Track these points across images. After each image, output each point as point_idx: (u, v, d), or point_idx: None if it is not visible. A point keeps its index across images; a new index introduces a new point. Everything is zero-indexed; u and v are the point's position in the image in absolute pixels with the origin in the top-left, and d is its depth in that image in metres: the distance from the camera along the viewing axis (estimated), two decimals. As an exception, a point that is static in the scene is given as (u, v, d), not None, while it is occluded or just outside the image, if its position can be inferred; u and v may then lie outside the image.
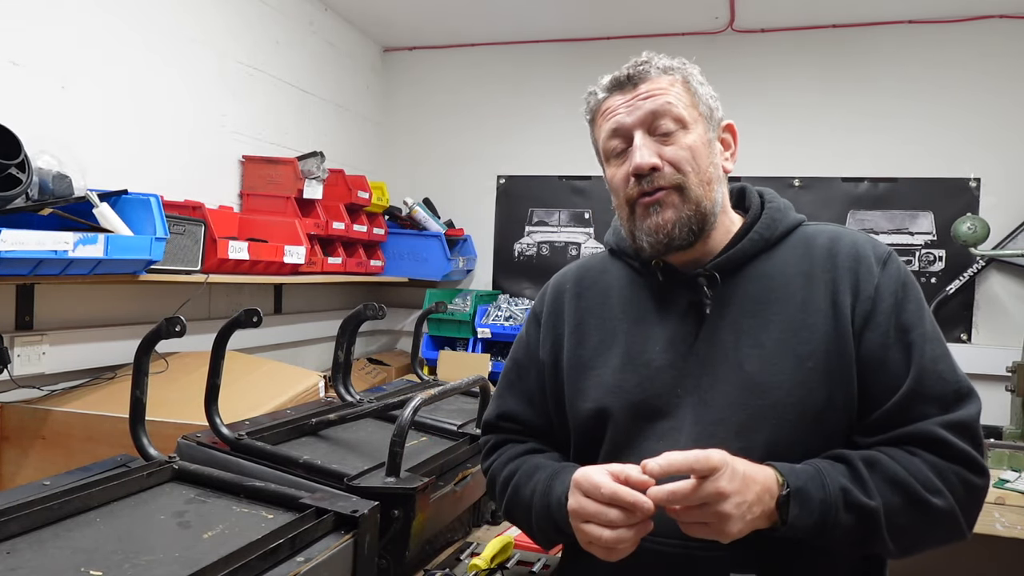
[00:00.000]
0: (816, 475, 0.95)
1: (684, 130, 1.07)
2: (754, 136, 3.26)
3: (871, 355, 1.01)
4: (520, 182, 3.63)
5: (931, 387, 0.99)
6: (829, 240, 1.09)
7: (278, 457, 1.29)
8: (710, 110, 1.12)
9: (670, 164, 1.05)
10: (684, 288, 1.10)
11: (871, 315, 1.02)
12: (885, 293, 1.03)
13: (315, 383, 2.04)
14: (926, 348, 1.00)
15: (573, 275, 1.25)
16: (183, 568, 0.89)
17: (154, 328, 1.22)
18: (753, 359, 1.04)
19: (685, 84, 1.11)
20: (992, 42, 3.01)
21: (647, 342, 1.11)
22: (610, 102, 1.11)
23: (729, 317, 1.07)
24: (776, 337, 1.04)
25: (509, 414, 1.24)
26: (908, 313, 1.02)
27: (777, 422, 1.01)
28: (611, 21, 3.28)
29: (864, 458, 0.97)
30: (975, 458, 0.97)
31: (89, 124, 2.12)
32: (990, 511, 2.37)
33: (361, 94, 3.62)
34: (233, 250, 2.26)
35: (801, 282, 1.06)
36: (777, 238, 1.11)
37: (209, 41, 2.58)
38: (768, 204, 1.14)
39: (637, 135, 1.07)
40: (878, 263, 1.05)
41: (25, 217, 1.65)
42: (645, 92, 1.08)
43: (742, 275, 1.09)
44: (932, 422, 0.97)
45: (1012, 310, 3.00)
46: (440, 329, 3.36)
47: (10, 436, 1.80)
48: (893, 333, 1.01)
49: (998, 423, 2.85)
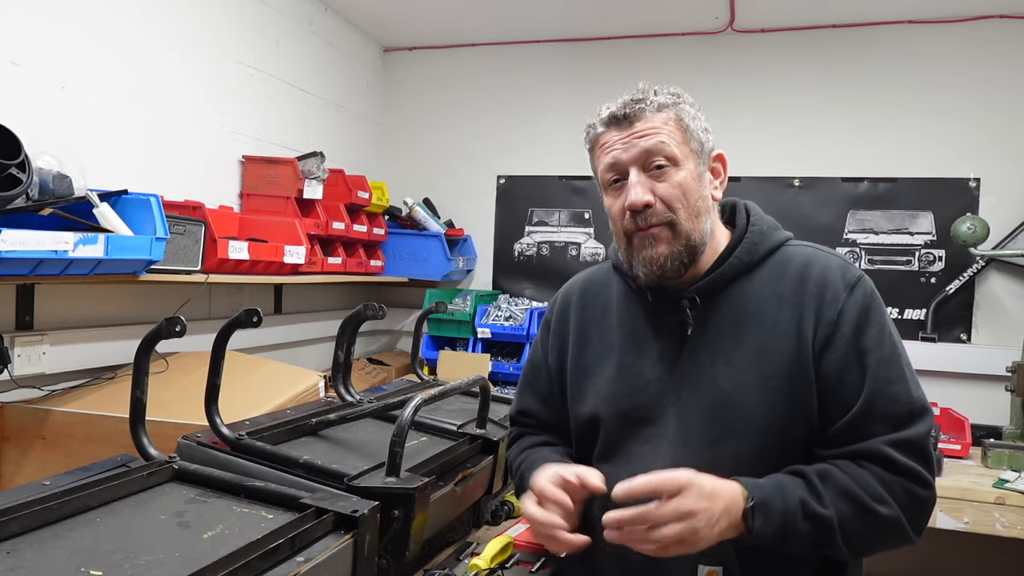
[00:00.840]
0: (777, 488, 1.04)
1: (675, 167, 1.15)
2: (754, 136, 3.26)
3: (829, 376, 1.11)
4: (520, 182, 3.64)
5: (882, 408, 1.08)
6: (802, 264, 1.18)
7: (278, 457, 1.29)
8: (701, 144, 1.19)
9: (662, 201, 1.15)
10: (671, 308, 1.21)
11: (831, 339, 1.12)
12: (847, 318, 1.12)
13: (315, 383, 2.04)
14: (880, 371, 1.09)
15: (579, 287, 1.38)
16: (183, 568, 0.89)
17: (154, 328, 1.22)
18: (726, 377, 1.14)
19: (678, 122, 1.17)
20: (992, 42, 3.01)
21: (639, 356, 1.22)
22: (607, 137, 1.19)
23: (707, 337, 1.18)
24: (747, 357, 1.15)
25: (527, 411, 1.40)
26: (867, 338, 1.11)
27: (743, 435, 1.12)
28: (611, 21, 3.28)
29: (819, 472, 1.07)
30: (918, 472, 1.06)
31: (89, 124, 2.12)
32: (990, 511, 2.37)
33: (361, 94, 3.62)
34: (233, 250, 2.26)
35: (773, 305, 1.16)
36: (757, 261, 1.20)
37: (209, 41, 2.58)
38: (751, 227, 1.22)
39: (632, 172, 1.15)
40: (845, 288, 1.14)
41: (25, 217, 1.65)
42: (640, 131, 1.16)
43: (723, 297, 1.19)
44: (879, 440, 1.07)
45: (1012, 310, 3.00)
46: (440, 329, 3.36)
47: (10, 436, 1.80)
48: (852, 356, 1.11)
49: (998, 423, 2.85)
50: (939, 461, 2.53)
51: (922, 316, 3.08)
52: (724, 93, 3.29)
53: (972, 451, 2.75)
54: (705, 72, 3.31)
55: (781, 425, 1.11)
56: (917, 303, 3.09)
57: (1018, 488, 2.39)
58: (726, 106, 3.27)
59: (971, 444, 2.76)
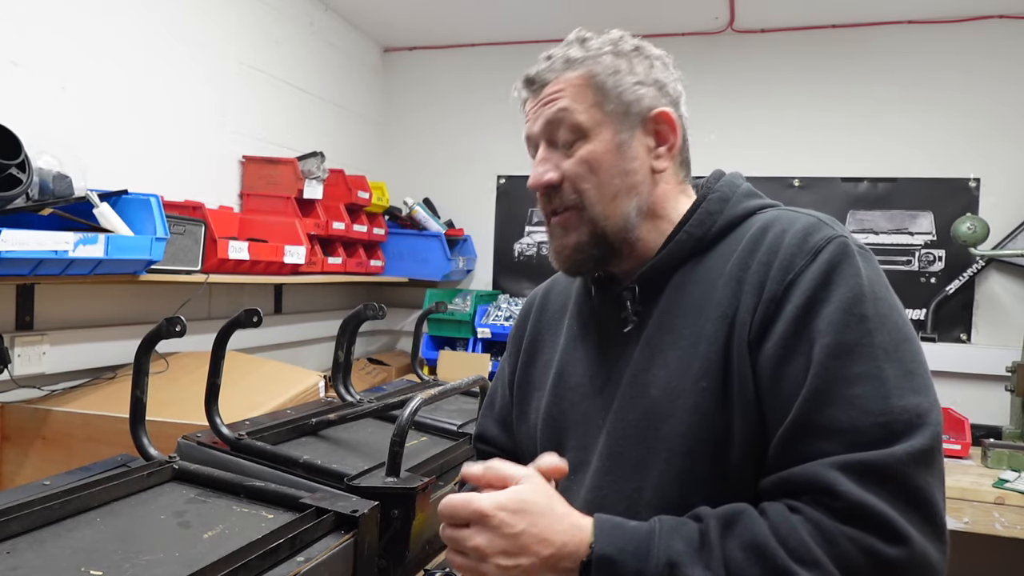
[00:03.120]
0: (645, 540, 0.75)
1: (583, 140, 0.93)
2: (754, 136, 3.26)
3: (764, 373, 0.80)
4: (520, 182, 3.63)
5: (832, 415, 0.74)
6: (760, 230, 0.88)
7: (278, 457, 1.29)
8: (625, 105, 0.93)
9: (567, 181, 0.93)
10: (612, 304, 0.97)
11: (772, 320, 0.81)
12: (796, 292, 0.80)
13: (315, 383, 2.04)
14: (833, 363, 0.75)
15: (545, 287, 1.17)
16: (183, 568, 0.89)
17: (154, 328, 1.22)
18: (658, 381, 0.87)
19: (590, 80, 0.94)
20: (992, 42, 3.01)
21: (578, 363, 1.00)
22: (526, 105, 1.02)
23: (646, 335, 0.91)
24: (680, 353, 0.87)
25: (484, 436, 1.17)
26: (821, 318, 0.78)
27: (668, 457, 0.85)
28: (611, 21, 3.25)
29: (724, 516, 0.76)
30: (885, 518, 0.69)
31: (89, 124, 2.12)
32: (990, 511, 2.37)
33: (361, 94, 3.62)
34: (233, 250, 2.26)
35: (719, 284, 0.87)
36: (714, 236, 0.92)
37: (209, 41, 2.58)
38: (711, 195, 0.95)
39: (540, 147, 0.97)
40: (805, 255, 0.81)
41: (25, 217, 1.65)
42: (545, 97, 0.96)
43: (669, 284, 0.92)
44: (824, 461, 0.73)
45: (1012, 310, 3.00)
46: (440, 329, 3.36)
47: (10, 436, 1.80)
48: (793, 343, 0.78)
49: (998, 423, 2.85)
50: (939, 461, 2.53)
51: (922, 316, 3.08)
52: (724, 93, 3.29)
53: (972, 451, 2.75)
54: (705, 72, 3.30)
55: (715, 440, 0.82)
56: (917, 303, 3.09)
57: (1018, 488, 2.39)
58: (726, 106, 3.26)
59: (971, 444, 2.76)
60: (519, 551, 0.76)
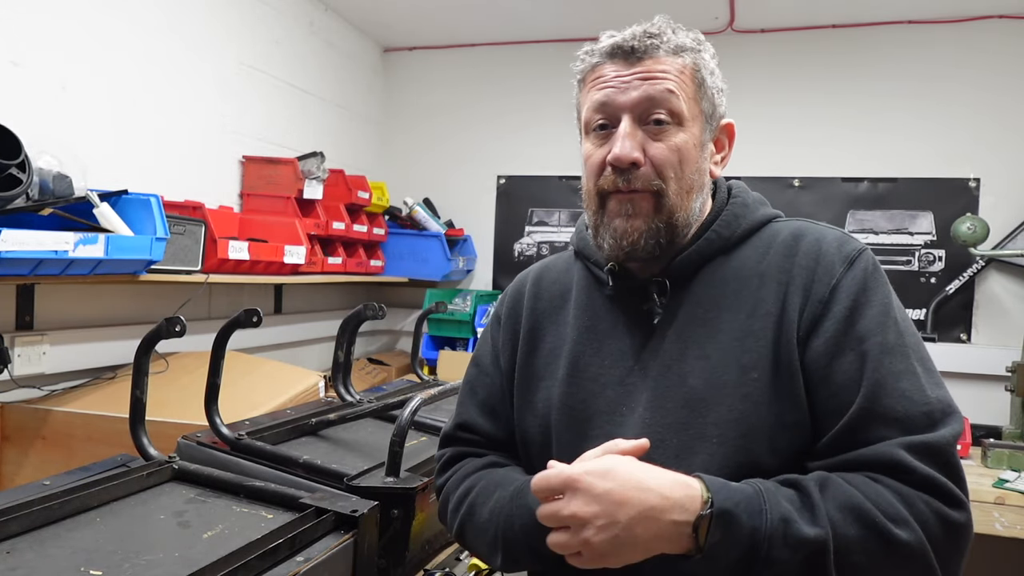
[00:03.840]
0: (754, 498, 0.80)
1: (678, 127, 0.94)
2: (754, 136, 3.26)
3: (815, 367, 0.88)
4: (520, 182, 3.64)
5: (890, 406, 0.83)
6: (792, 236, 0.97)
7: (278, 457, 1.29)
8: (713, 107, 0.99)
9: (652, 164, 0.93)
10: (636, 295, 1.00)
11: (820, 320, 0.89)
12: (841, 296, 0.89)
13: (315, 383, 2.04)
14: (884, 360, 0.85)
15: (534, 275, 1.16)
16: (183, 568, 0.89)
17: (154, 328, 1.22)
18: (697, 372, 0.92)
19: (695, 73, 0.96)
20: (992, 42, 3.01)
21: (595, 354, 1.01)
22: (604, 70, 0.98)
23: (676, 327, 0.96)
24: (722, 347, 0.92)
25: (468, 424, 1.13)
26: (867, 319, 0.88)
27: (718, 442, 0.89)
28: (611, 21, 3.25)
29: (817, 480, 0.83)
30: (947, 487, 0.80)
31: (89, 124, 2.12)
32: (990, 511, 2.37)
33: (361, 94, 3.62)
34: (233, 250, 2.26)
35: (755, 284, 0.94)
36: (739, 237, 0.99)
37: (209, 41, 2.58)
38: (733, 200, 1.02)
39: (624, 120, 0.94)
40: (842, 263, 0.92)
41: (25, 217, 1.65)
42: (646, 71, 0.94)
43: (697, 279, 0.97)
44: (891, 443, 0.82)
45: (1012, 310, 3.00)
46: (440, 329, 3.36)
47: (10, 436, 1.80)
48: (845, 341, 0.87)
49: (998, 423, 2.85)
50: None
51: (922, 316, 3.08)
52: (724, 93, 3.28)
53: (972, 451, 2.75)
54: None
55: (766, 429, 0.88)
56: (917, 303, 3.09)
57: (1018, 488, 2.39)
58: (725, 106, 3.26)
59: (971, 444, 2.76)
60: (615, 507, 0.78)
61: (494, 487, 1.01)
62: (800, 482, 0.83)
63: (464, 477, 1.07)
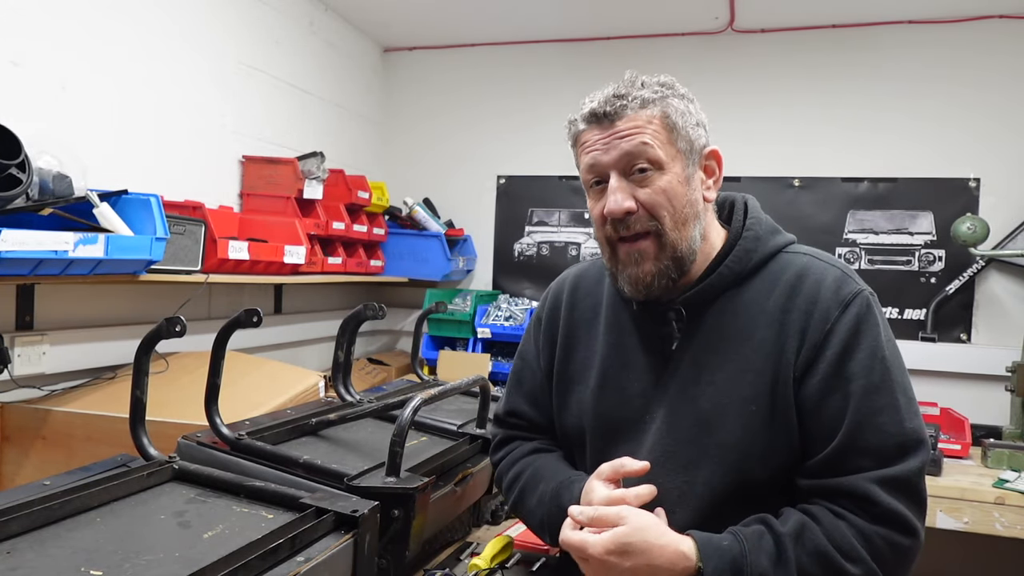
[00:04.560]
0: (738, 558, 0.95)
1: (659, 172, 1.06)
2: (754, 136, 3.26)
3: (809, 402, 1.02)
4: (520, 182, 3.64)
5: (867, 440, 0.98)
6: (795, 277, 1.08)
7: (278, 457, 1.29)
8: (690, 143, 1.09)
9: (644, 208, 1.06)
10: (658, 320, 1.14)
11: (814, 362, 1.02)
12: (834, 340, 1.02)
13: (315, 383, 2.04)
14: (866, 400, 0.99)
15: (571, 284, 1.29)
16: (183, 568, 0.89)
17: (154, 328, 1.22)
18: (707, 396, 1.06)
19: (664, 120, 1.07)
20: (992, 42, 3.01)
21: (624, 368, 1.15)
22: (588, 135, 1.11)
23: (692, 351, 1.10)
24: (728, 377, 1.06)
25: (516, 411, 1.31)
26: (855, 362, 1.01)
27: (719, 461, 1.04)
28: (611, 21, 3.28)
29: (793, 530, 0.98)
30: (903, 517, 0.96)
31: (89, 124, 2.12)
32: (990, 511, 2.37)
33: (361, 94, 3.62)
34: (233, 250, 2.26)
35: (761, 321, 1.07)
36: (750, 271, 1.10)
37: (209, 41, 2.58)
38: (746, 232, 1.12)
39: (612, 177, 1.07)
40: (837, 307, 1.03)
41: (25, 217, 1.65)
42: (621, 131, 1.07)
43: (710, 310, 1.10)
44: (864, 477, 0.98)
45: (1012, 310, 3.00)
46: (440, 329, 3.36)
47: (10, 436, 1.80)
48: (834, 382, 1.01)
49: (998, 423, 2.85)
50: (939, 461, 2.53)
51: (922, 316, 3.08)
52: (724, 93, 3.29)
53: (972, 451, 2.75)
54: (705, 72, 3.31)
55: (760, 452, 1.03)
56: (917, 303, 3.09)
57: (1018, 488, 2.39)
58: (726, 106, 3.27)
59: (971, 444, 2.76)
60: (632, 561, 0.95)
61: (538, 480, 1.20)
62: (779, 534, 0.98)
63: (514, 462, 1.27)
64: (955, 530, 2.41)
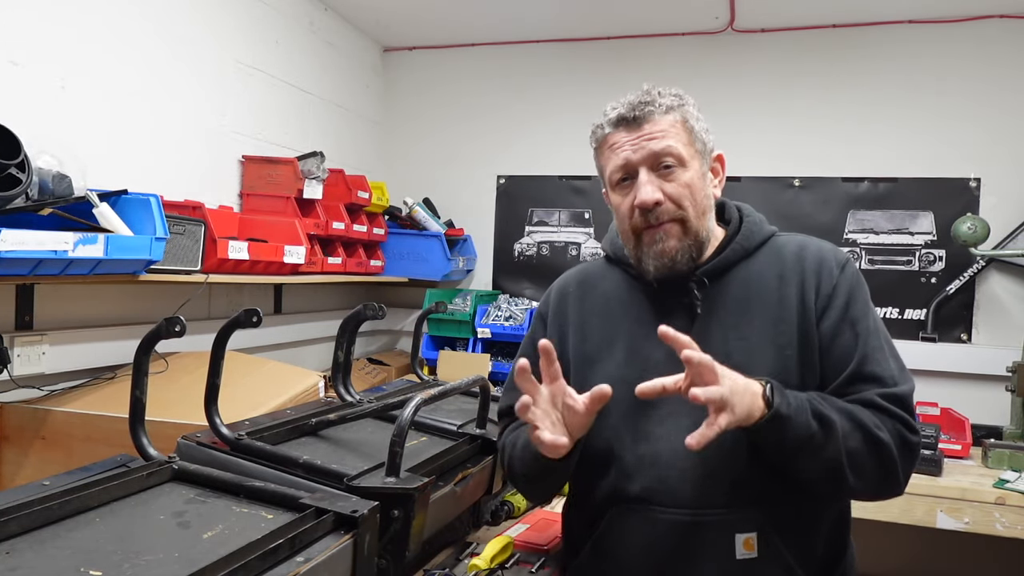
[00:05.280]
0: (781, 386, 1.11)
1: (683, 168, 1.22)
2: (754, 136, 3.26)
3: (825, 341, 1.21)
4: (520, 182, 3.63)
5: (871, 369, 1.18)
6: (798, 247, 1.29)
7: (278, 457, 1.29)
8: (704, 145, 1.26)
9: (671, 200, 1.21)
10: (677, 292, 1.27)
11: (827, 308, 1.22)
12: (840, 291, 1.23)
13: (315, 383, 2.04)
14: (869, 339, 1.20)
15: (576, 279, 1.42)
16: (183, 568, 0.89)
17: (154, 328, 1.22)
18: (739, 351, 1.20)
19: (684, 124, 1.24)
20: (992, 42, 3.01)
21: (648, 340, 1.23)
22: (616, 137, 1.24)
23: (717, 315, 1.25)
24: (758, 331, 1.22)
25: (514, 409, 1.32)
26: (856, 308, 1.22)
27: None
28: (611, 21, 3.28)
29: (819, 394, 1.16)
30: (907, 419, 1.15)
31: (89, 124, 2.12)
32: (990, 511, 2.37)
33: (361, 94, 3.62)
34: (233, 250, 2.26)
35: (776, 284, 1.25)
36: (754, 247, 1.29)
37: (209, 41, 2.58)
38: (746, 218, 1.32)
39: (642, 172, 1.22)
40: (838, 266, 1.25)
41: (25, 217, 1.65)
42: (648, 133, 1.22)
43: (726, 279, 1.26)
44: (871, 391, 1.16)
45: (1012, 310, 3.00)
46: (440, 329, 3.36)
47: (10, 436, 1.80)
48: (844, 323, 1.21)
49: (998, 423, 2.85)
50: (939, 461, 2.52)
51: (922, 316, 3.08)
52: (724, 93, 3.29)
53: (972, 451, 2.75)
54: (705, 72, 3.31)
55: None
56: (917, 303, 3.09)
57: (1018, 488, 2.39)
58: (726, 106, 3.26)
59: (971, 444, 2.76)
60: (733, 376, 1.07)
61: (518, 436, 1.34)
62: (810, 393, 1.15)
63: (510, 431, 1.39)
64: (955, 530, 2.41)
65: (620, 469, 1.24)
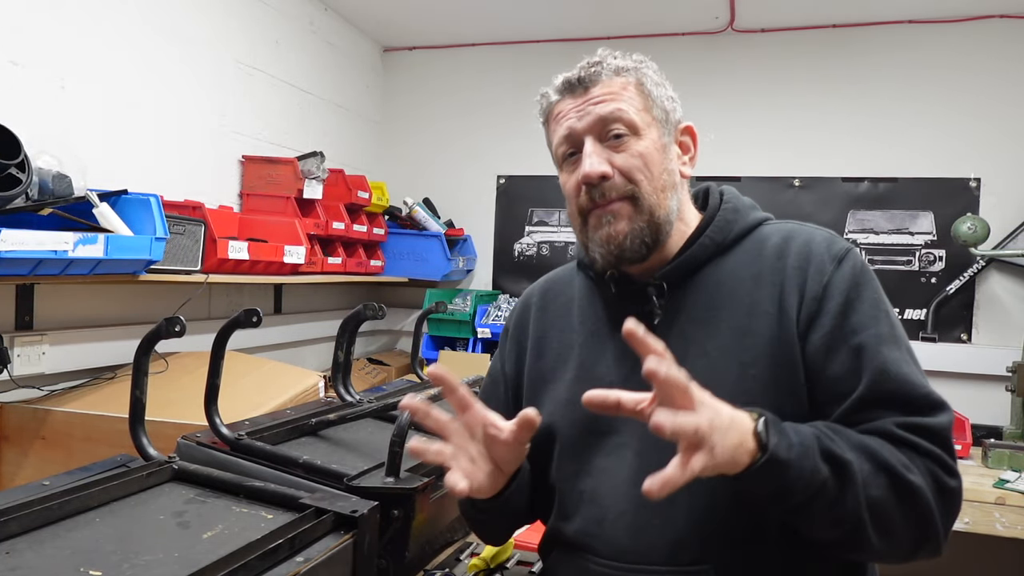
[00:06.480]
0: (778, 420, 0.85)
1: (636, 136, 1.02)
2: (754, 136, 3.26)
3: (815, 358, 0.94)
4: (520, 182, 3.63)
5: (891, 390, 0.90)
6: (782, 239, 1.03)
7: (278, 457, 1.29)
8: (665, 113, 1.05)
9: (621, 173, 1.00)
10: (635, 299, 1.05)
11: (816, 316, 0.95)
12: (834, 292, 0.96)
13: (315, 383, 2.04)
14: (882, 349, 0.91)
15: (540, 288, 1.25)
16: (183, 568, 0.89)
17: (154, 328, 1.22)
18: (698, 369, 0.89)
19: (639, 86, 1.04)
20: (992, 42, 3.01)
21: (600, 356, 1.07)
22: (561, 105, 1.06)
23: (677, 327, 1.02)
24: (721, 344, 0.98)
25: None
26: (859, 313, 0.94)
27: None
28: (611, 21, 3.28)
29: (826, 424, 0.90)
30: (944, 457, 0.88)
31: (89, 124, 2.12)
32: (990, 511, 2.37)
33: (361, 94, 3.62)
34: (233, 250, 2.26)
35: (751, 285, 1.00)
36: (731, 241, 1.05)
37: (209, 41, 2.58)
38: (724, 205, 1.08)
39: (587, 142, 1.02)
40: (832, 261, 0.98)
41: (25, 217, 1.65)
42: (596, 96, 1.03)
43: (693, 282, 1.03)
44: (889, 421, 0.89)
45: (1012, 310, 3.00)
46: (440, 329, 3.36)
47: (10, 436, 1.80)
48: (840, 335, 0.93)
49: (998, 423, 2.85)
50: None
51: (922, 316, 3.08)
52: (724, 93, 3.29)
53: (972, 451, 2.75)
54: (705, 72, 3.30)
55: None
56: (917, 303, 3.09)
57: (1018, 488, 2.39)
58: (726, 106, 3.26)
59: (971, 444, 2.76)
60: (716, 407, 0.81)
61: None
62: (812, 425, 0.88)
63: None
64: (955, 530, 2.39)
65: (560, 506, 1.07)
